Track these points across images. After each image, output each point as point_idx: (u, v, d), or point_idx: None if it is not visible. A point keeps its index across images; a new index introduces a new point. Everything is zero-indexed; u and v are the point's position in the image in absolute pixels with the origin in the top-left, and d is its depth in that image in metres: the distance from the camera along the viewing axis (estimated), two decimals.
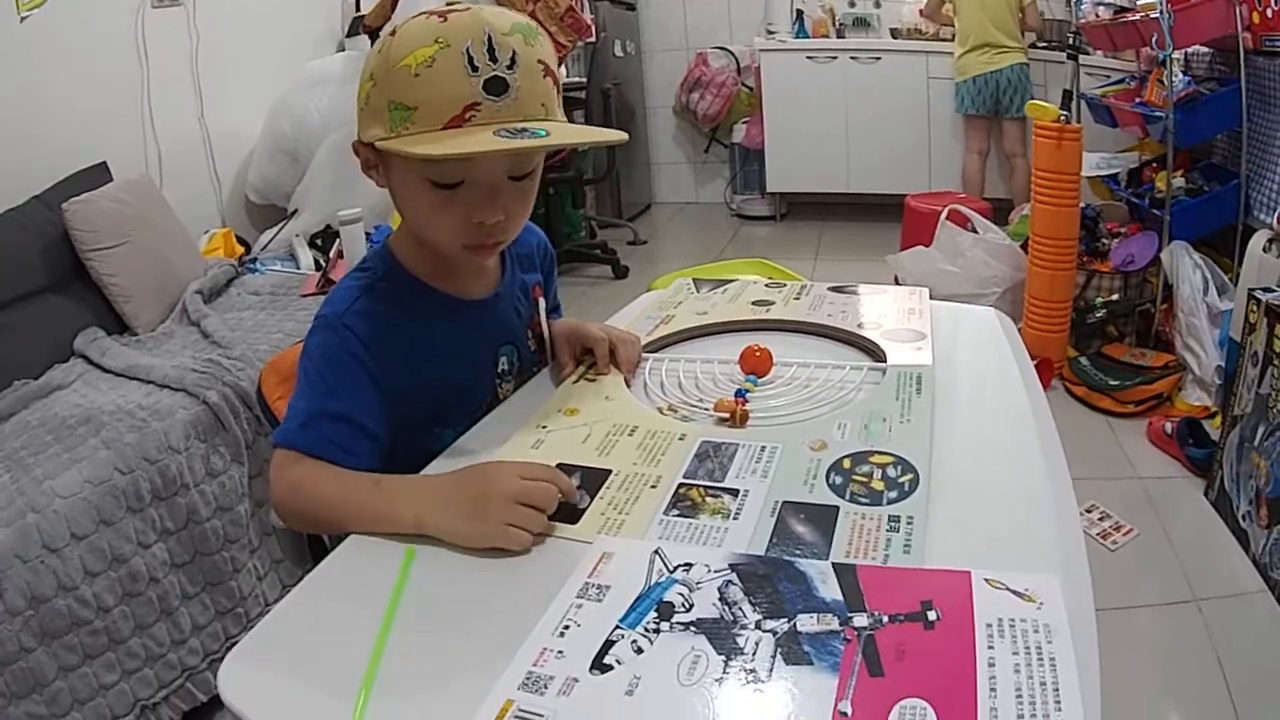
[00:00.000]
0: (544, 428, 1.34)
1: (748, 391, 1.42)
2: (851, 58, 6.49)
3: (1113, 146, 4.73)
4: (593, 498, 1.14)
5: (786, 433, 1.28)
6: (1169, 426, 3.48)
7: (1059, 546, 0.99)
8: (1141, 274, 4.22)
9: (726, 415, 1.35)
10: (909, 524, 1.03)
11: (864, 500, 1.08)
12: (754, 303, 1.84)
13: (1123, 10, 4.37)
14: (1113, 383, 3.84)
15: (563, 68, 5.51)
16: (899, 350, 1.54)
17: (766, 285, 1.95)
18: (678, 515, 1.09)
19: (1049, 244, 4.06)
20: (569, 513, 1.11)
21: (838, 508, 1.07)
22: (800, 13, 6.91)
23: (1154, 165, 4.38)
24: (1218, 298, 3.75)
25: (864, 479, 1.13)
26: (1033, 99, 4.55)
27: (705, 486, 1.15)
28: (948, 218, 4.74)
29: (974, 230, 4.68)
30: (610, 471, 1.20)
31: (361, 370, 1.29)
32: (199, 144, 4.32)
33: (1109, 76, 4.93)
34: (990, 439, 1.28)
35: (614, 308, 1.81)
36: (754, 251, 5.99)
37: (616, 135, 1.38)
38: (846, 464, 1.17)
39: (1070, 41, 4.38)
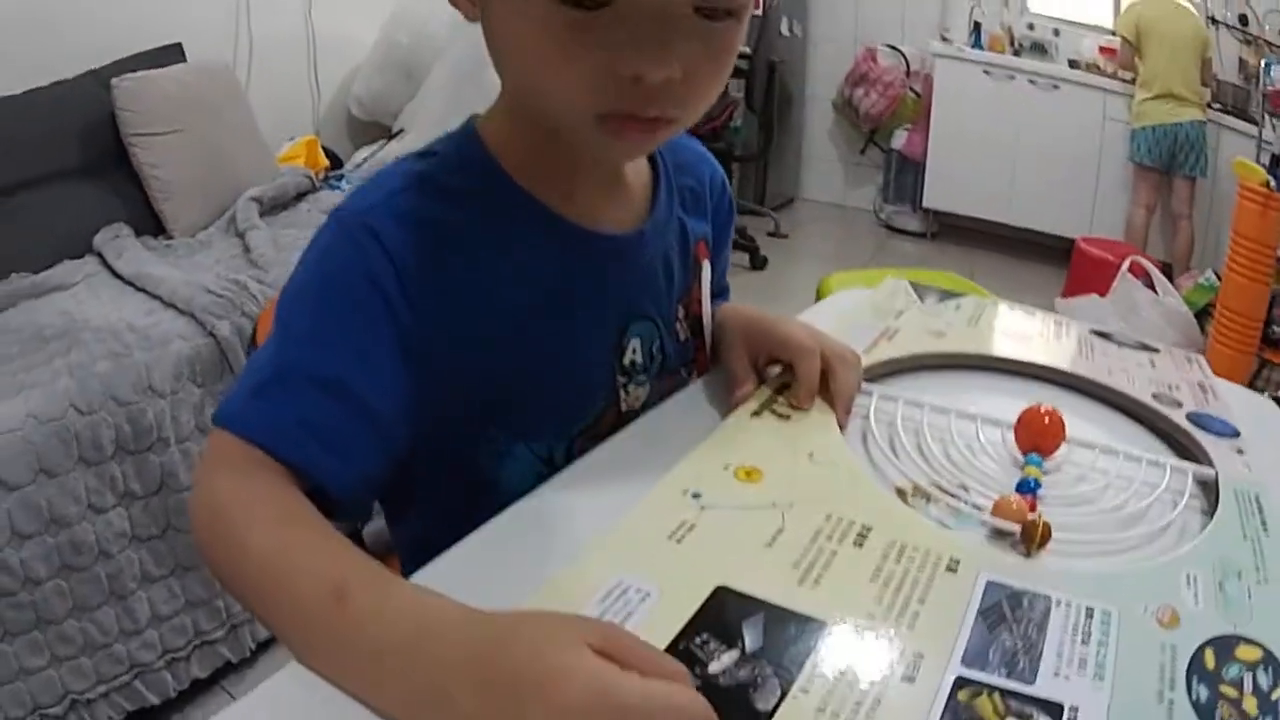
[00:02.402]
0: (698, 497, 0.77)
1: (1038, 485, 0.85)
2: (1030, 80, 6.05)
3: None
4: (786, 688, 0.57)
5: (1114, 582, 0.75)
6: None
7: None
8: None
9: (1016, 529, 0.78)
10: None
11: None
12: (1003, 332, 1.26)
13: None
14: None
15: None
16: (1221, 452, 0.98)
17: (1011, 309, 1.38)
18: None
19: (1237, 321, 3.78)
20: (730, 718, 0.55)
21: None
22: (978, 25, 6.48)
23: None
24: None
25: (1234, 691, 0.64)
26: (1241, 160, 4.25)
27: (1007, 693, 0.60)
28: (1130, 270, 4.39)
29: (1152, 289, 4.35)
30: (823, 626, 0.62)
31: (379, 308, 0.80)
32: (302, 43, 3.89)
33: None
34: None
35: (751, 301, 1.20)
36: (903, 267, 5.46)
37: None
38: (1209, 661, 0.66)
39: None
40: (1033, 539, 0.76)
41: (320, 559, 0.64)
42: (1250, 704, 0.63)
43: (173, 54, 3.09)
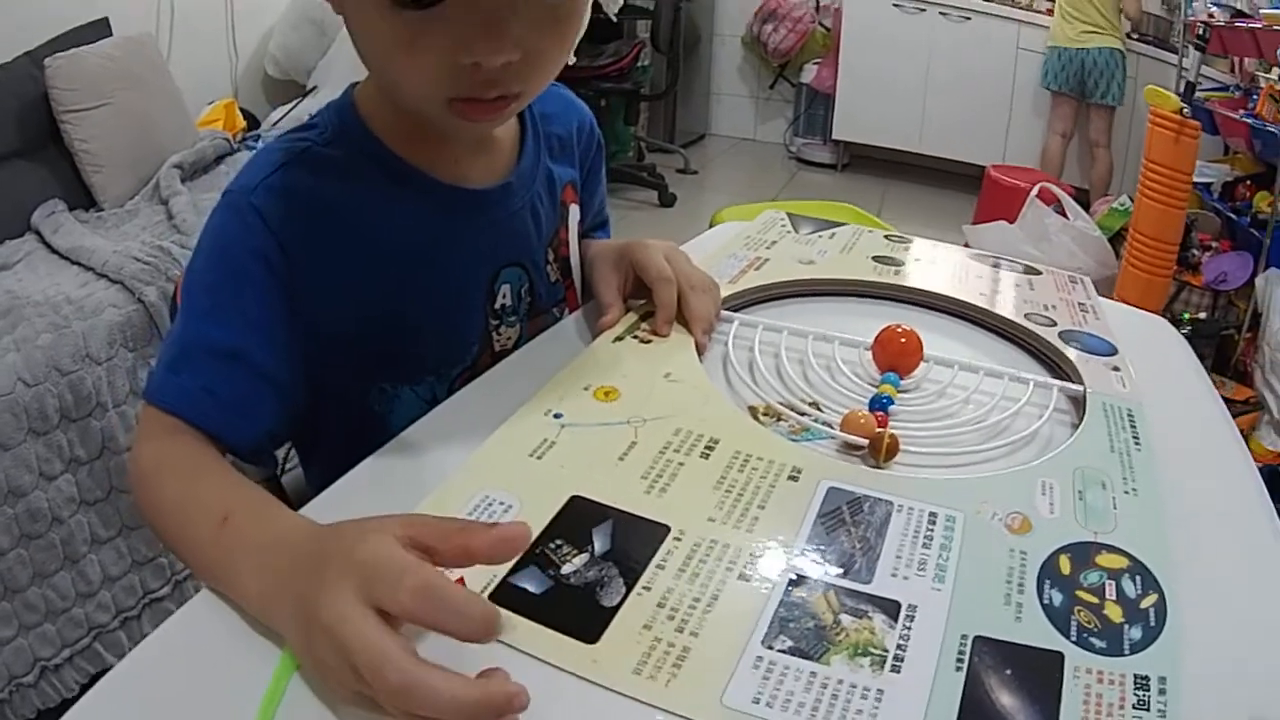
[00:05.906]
0: (558, 417, 0.84)
1: (890, 401, 0.91)
2: (941, 13, 5.97)
3: (1200, 155, 4.40)
4: (630, 586, 0.64)
5: (962, 489, 0.78)
6: None
7: None
8: (1228, 296, 3.87)
9: (862, 442, 0.84)
10: (1161, 693, 0.58)
11: (1098, 641, 0.62)
12: (875, 259, 1.32)
13: (1240, 14, 4.01)
14: None
15: None
16: (1093, 369, 1.03)
17: (887, 238, 1.43)
18: (787, 650, 0.59)
19: (1150, 245, 3.78)
20: (578, 613, 0.62)
21: (1061, 656, 0.60)
22: None
23: (1248, 183, 4.05)
24: None
25: (1093, 597, 0.66)
26: (1152, 87, 4.17)
27: (842, 590, 0.65)
28: (1038, 195, 4.44)
29: (1063, 214, 4.38)
30: (667, 530, 0.69)
31: (268, 280, 0.87)
32: (219, 6, 3.88)
33: (1199, 82, 4.60)
34: (1214, 522, 0.81)
35: (660, 238, 1.28)
36: (812, 199, 5.55)
37: None
38: (1065, 566, 0.69)
39: (1200, 34, 4.00)
40: (879, 451, 0.82)
41: (216, 496, 0.72)
42: (1114, 611, 0.65)
43: (100, 28, 3.11)
